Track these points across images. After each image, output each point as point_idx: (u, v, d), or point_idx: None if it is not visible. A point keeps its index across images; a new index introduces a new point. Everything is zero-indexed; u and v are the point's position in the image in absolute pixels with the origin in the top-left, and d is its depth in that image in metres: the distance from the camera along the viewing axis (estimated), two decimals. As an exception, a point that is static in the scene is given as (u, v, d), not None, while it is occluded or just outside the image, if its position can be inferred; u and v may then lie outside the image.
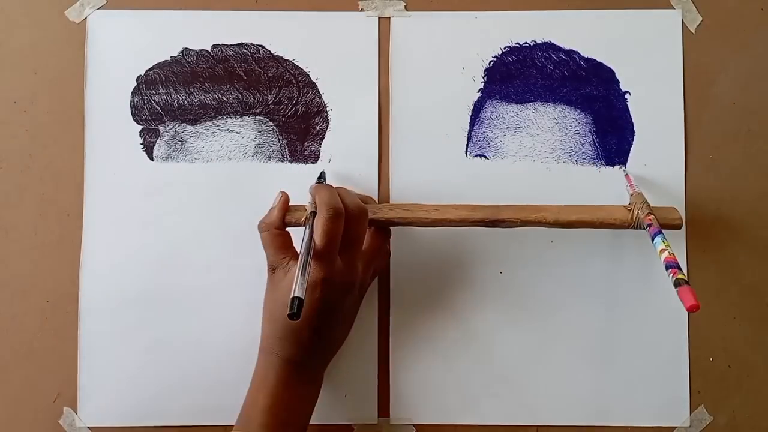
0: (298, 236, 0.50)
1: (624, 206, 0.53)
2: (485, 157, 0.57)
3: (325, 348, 0.52)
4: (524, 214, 0.52)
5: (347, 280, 0.49)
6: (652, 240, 0.49)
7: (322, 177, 0.56)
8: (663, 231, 0.49)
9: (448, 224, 0.53)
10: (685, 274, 0.47)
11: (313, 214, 0.50)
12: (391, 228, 0.55)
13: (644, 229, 0.51)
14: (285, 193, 0.53)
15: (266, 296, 0.51)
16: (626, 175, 0.56)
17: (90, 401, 0.56)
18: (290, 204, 0.53)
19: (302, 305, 0.44)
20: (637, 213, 0.51)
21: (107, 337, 0.56)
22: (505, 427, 0.56)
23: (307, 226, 0.49)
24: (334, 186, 0.53)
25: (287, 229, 0.52)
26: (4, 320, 0.56)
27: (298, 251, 0.50)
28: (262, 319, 0.51)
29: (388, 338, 0.56)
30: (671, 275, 0.46)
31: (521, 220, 0.52)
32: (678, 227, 0.52)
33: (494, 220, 0.52)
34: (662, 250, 0.48)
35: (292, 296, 0.43)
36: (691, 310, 0.43)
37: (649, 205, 0.52)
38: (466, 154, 0.57)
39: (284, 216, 0.52)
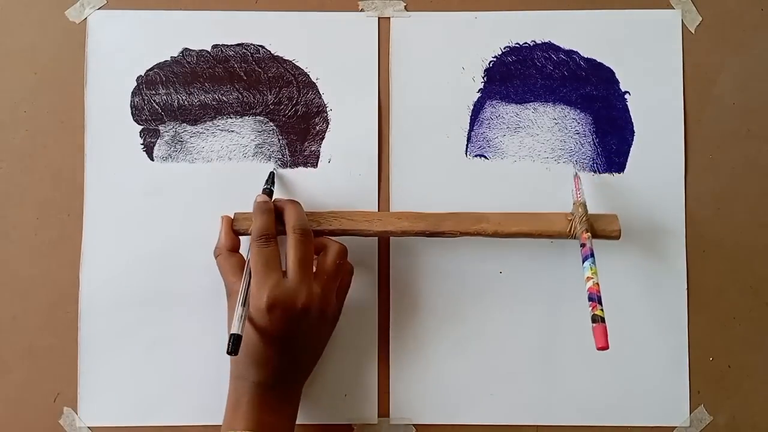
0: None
1: (565, 215, 0.53)
2: (485, 157, 0.57)
3: (297, 370, 0.52)
4: (464, 225, 0.53)
5: (300, 303, 0.48)
6: (582, 262, 0.49)
7: (270, 180, 0.56)
8: (594, 255, 0.49)
9: (390, 235, 0.54)
10: (602, 312, 0.47)
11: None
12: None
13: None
14: (226, 216, 0.54)
15: (228, 323, 0.51)
16: (575, 177, 0.55)
17: (90, 401, 0.56)
18: (237, 213, 0.54)
19: (239, 341, 0.45)
20: (576, 226, 0.52)
21: (107, 337, 0.56)
22: (505, 427, 0.56)
23: (251, 248, 0.50)
24: (278, 198, 0.54)
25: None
26: (4, 320, 0.56)
27: None
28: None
29: (388, 338, 0.56)
30: (590, 308, 0.47)
31: (461, 231, 0.53)
32: (616, 238, 0.52)
33: (434, 231, 0.53)
34: (588, 278, 0.48)
35: (229, 332, 0.45)
36: (599, 350, 0.45)
37: (588, 218, 0.52)
38: (466, 154, 0.57)
39: (232, 236, 0.53)
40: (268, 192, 0.54)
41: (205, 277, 0.56)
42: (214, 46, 0.58)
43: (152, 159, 0.57)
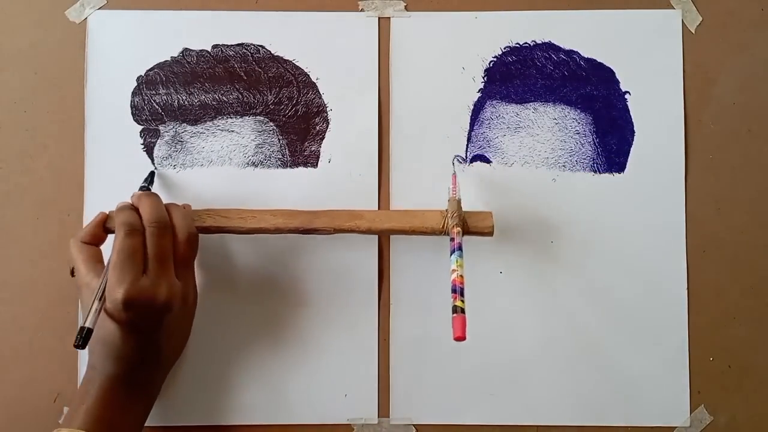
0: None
1: (440, 212, 0.53)
2: (485, 157, 0.57)
3: (157, 364, 0.51)
4: (338, 222, 0.53)
5: (159, 299, 0.47)
6: (450, 255, 0.49)
7: (148, 179, 0.55)
8: (462, 248, 0.49)
9: (264, 232, 0.53)
10: (463, 303, 0.47)
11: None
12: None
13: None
14: (103, 212, 0.53)
15: (81, 313, 0.51)
16: (453, 175, 0.55)
17: (90, 401, 0.56)
18: (112, 210, 0.52)
19: (90, 335, 0.44)
20: (447, 222, 0.52)
21: (107, 337, 0.56)
22: (505, 427, 0.56)
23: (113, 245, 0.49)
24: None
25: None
26: (4, 320, 0.56)
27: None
28: None
29: (388, 338, 0.56)
30: (452, 299, 0.47)
31: (335, 228, 0.53)
32: (489, 234, 0.52)
33: (308, 228, 0.53)
34: (453, 270, 0.48)
35: (80, 325, 0.44)
36: (457, 340, 0.45)
37: (461, 215, 0.52)
38: (466, 154, 0.57)
39: (98, 230, 0.52)
40: (145, 190, 0.54)
41: (204, 277, 0.56)
42: (215, 46, 0.58)
43: (152, 159, 0.57)
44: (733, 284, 0.57)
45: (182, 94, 0.57)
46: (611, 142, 0.57)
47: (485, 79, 0.58)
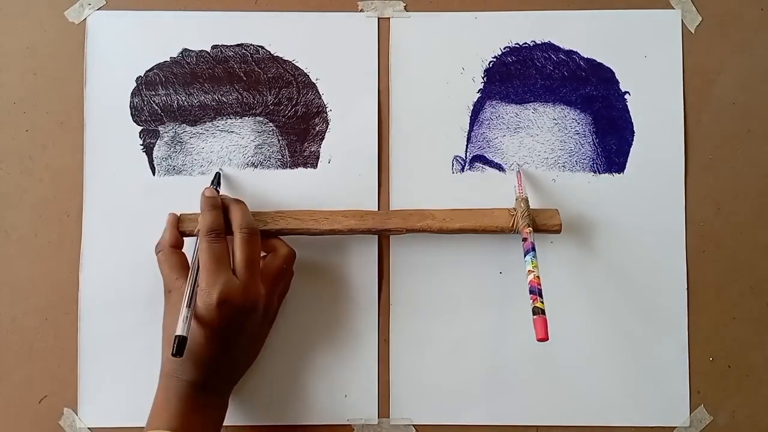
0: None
1: (508, 210, 0.54)
2: (485, 158, 0.57)
3: (230, 370, 0.51)
4: (410, 222, 0.53)
5: (248, 302, 0.48)
6: (524, 256, 0.50)
7: (215, 181, 0.55)
8: (536, 249, 0.50)
9: (338, 233, 0.54)
10: (543, 304, 0.47)
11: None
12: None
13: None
14: (173, 213, 0.54)
15: (164, 320, 0.51)
16: (517, 174, 0.56)
17: (90, 401, 0.56)
18: (183, 213, 0.54)
19: (185, 343, 0.44)
20: (518, 221, 0.52)
21: (107, 337, 0.56)
22: (505, 427, 0.56)
23: (196, 251, 0.50)
24: (224, 195, 0.54)
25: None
26: (4, 321, 0.56)
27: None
28: (162, 341, 0.51)
29: (388, 338, 0.56)
30: (531, 301, 0.47)
31: (407, 228, 0.53)
32: (557, 232, 0.53)
33: (381, 229, 0.54)
34: (529, 271, 0.49)
35: (175, 334, 0.44)
36: (540, 341, 0.45)
37: (530, 213, 0.52)
38: (465, 154, 0.57)
39: (177, 234, 0.53)
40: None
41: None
42: (214, 47, 0.58)
43: (152, 159, 0.57)
44: (733, 284, 0.57)
45: (182, 94, 0.57)
46: (611, 142, 0.57)
47: (485, 79, 0.58)
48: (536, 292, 0.48)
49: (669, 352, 0.56)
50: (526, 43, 0.58)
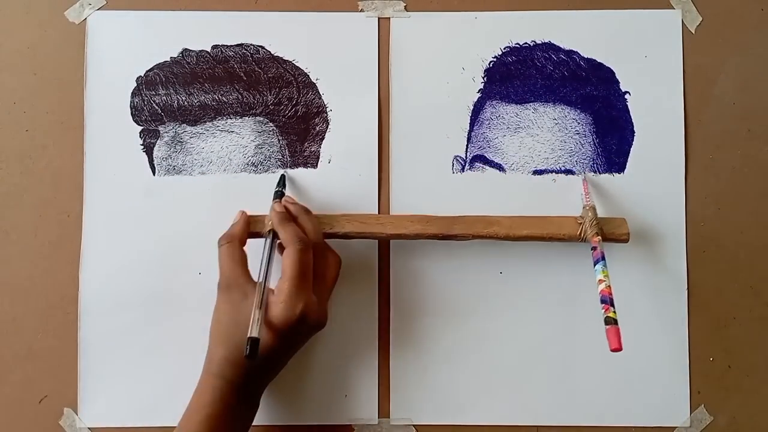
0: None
1: (575, 218, 0.53)
2: (485, 158, 0.57)
3: (269, 374, 0.51)
4: (476, 228, 0.53)
5: (319, 320, 0.49)
6: (594, 265, 0.50)
7: (281, 182, 0.55)
8: (605, 258, 0.50)
9: (403, 238, 0.54)
10: (615, 314, 0.47)
11: (272, 233, 0.50)
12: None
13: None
14: (244, 211, 0.53)
15: (219, 317, 0.50)
16: (583, 181, 0.56)
17: (90, 402, 0.56)
18: (251, 215, 0.53)
19: (257, 345, 0.44)
20: (585, 229, 0.52)
21: (107, 337, 0.56)
22: (505, 427, 0.56)
23: (265, 250, 0.50)
24: (290, 199, 0.53)
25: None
26: (4, 321, 0.56)
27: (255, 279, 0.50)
28: (211, 339, 0.50)
29: (388, 338, 0.56)
30: (603, 311, 0.47)
31: (473, 234, 0.53)
32: (625, 241, 0.53)
33: (446, 234, 0.53)
34: (600, 281, 0.49)
35: (248, 336, 0.44)
36: (613, 351, 0.45)
37: (598, 222, 0.52)
38: (465, 154, 0.57)
39: (246, 231, 0.52)
40: (279, 194, 0.54)
41: (204, 277, 0.56)
42: (214, 47, 0.58)
43: (152, 159, 0.57)
44: (733, 284, 0.57)
45: (182, 94, 0.57)
46: (611, 142, 0.57)
47: (485, 79, 0.58)
48: (608, 301, 0.47)
49: (669, 352, 0.56)
50: (526, 43, 0.58)
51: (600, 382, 0.56)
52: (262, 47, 0.58)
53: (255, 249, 0.51)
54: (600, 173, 0.57)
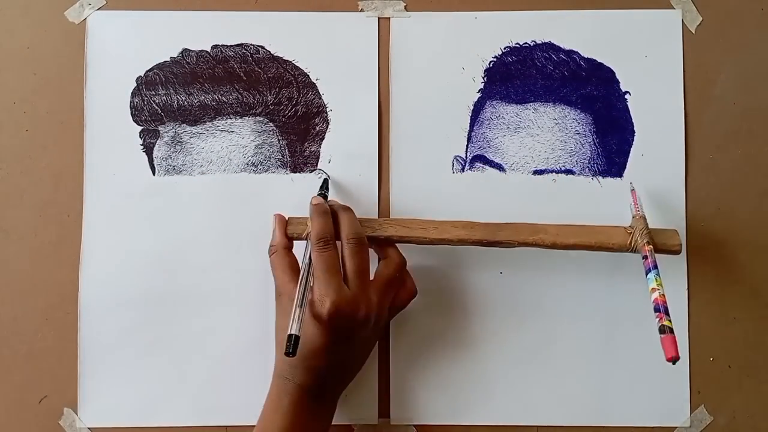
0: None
1: (624, 228, 0.52)
2: (485, 158, 0.57)
3: (340, 377, 0.52)
4: (523, 235, 0.52)
5: (359, 312, 0.48)
6: (646, 274, 0.49)
7: (324, 186, 0.56)
8: (658, 266, 0.49)
9: (447, 243, 0.53)
10: (671, 323, 0.46)
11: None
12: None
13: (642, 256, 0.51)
14: (279, 214, 0.54)
15: (276, 323, 0.52)
16: (632, 191, 0.55)
17: (90, 401, 0.56)
18: (291, 217, 0.53)
19: (298, 342, 0.45)
20: (636, 239, 0.51)
21: (107, 337, 0.56)
22: (505, 428, 0.56)
23: (306, 253, 0.50)
24: (332, 201, 0.54)
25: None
26: (4, 321, 0.56)
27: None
28: (276, 344, 0.52)
29: (389, 339, 0.56)
30: (657, 319, 0.46)
31: (519, 241, 0.52)
32: (677, 253, 0.52)
33: (492, 241, 0.52)
34: (653, 289, 0.48)
35: (288, 333, 0.45)
36: (670, 361, 0.44)
37: (649, 232, 0.51)
38: (466, 154, 0.57)
39: (286, 235, 0.53)
40: (323, 197, 0.54)
41: (204, 278, 0.56)
42: (214, 47, 0.58)
43: (152, 160, 0.57)
44: (733, 284, 0.57)
45: (182, 94, 0.57)
46: (611, 143, 0.57)
47: (485, 79, 0.58)
48: (662, 310, 0.46)
49: (669, 352, 0.56)
50: (526, 43, 0.58)
51: (600, 382, 0.56)
52: (262, 47, 0.58)
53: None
54: (600, 173, 0.57)
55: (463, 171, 0.57)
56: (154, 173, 0.57)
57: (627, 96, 0.57)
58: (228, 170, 0.57)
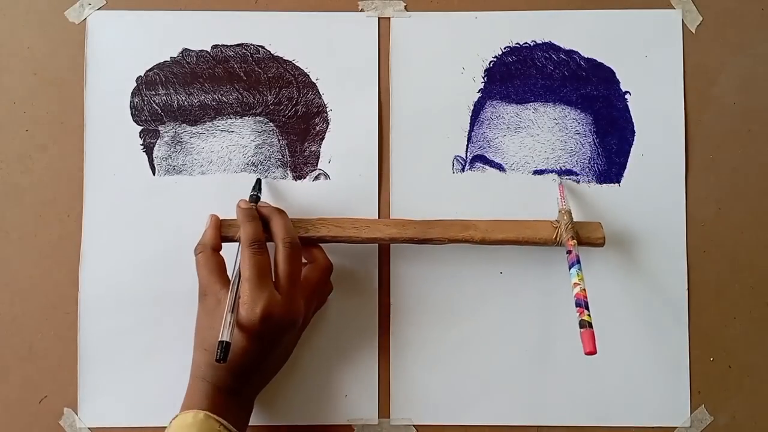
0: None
1: (551, 222, 0.53)
2: (485, 158, 0.57)
3: (260, 378, 0.51)
4: (452, 232, 0.53)
5: (290, 317, 0.48)
6: (569, 269, 0.50)
7: (257, 186, 0.55)
8: (580, 261, 0.50)
9: (379, 242, 0.54)
10: (590, 317, 0.47)
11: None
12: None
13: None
14: (214, 215, 0.53)
15: (198, 323, 0.51)
16: (559, 185, 0.56)
17: (90, 402, 0.56)
18: (225, 219, 0.53)
19: (229, 349, 0.45)
20: (561, 234, 0.52)
21: (107, 337, 0.56)
22: (505, 427, 0.56)
23: (238, 254, 0.50)
24: (265, 204, 0.53)
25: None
26: (4, 321, 0.56)
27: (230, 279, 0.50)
28: (194, 344, 0.51)
29: (389, 338, 0.56)
30: (578, 314, 0.47)
31: (449, 238, 0.53)
32: (600, 246, 0.53)
33: (423, 239, 0.53)
34: (575, 284, 0.49)
35: (219, 339, 0.45)
36: (588, 354, 0.45)
37: (573, 226, 0.52)
38: (466, 154, 0.57)
39: (218, 236, 0.52)
40: (255, 198, 0.54)
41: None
42: (214, 47, 0.58)
43: (152, 159, 0.57)
44: (733, 284, 0.57)
45: (182, 94, 0.57)
46: (611, 142, 0.57)
47: (485, 79, 0.58)
48: (583, 304, 0.47)
49: (669, 352, 0.56)
50: (526, 42, 0.58)
51: (600, 382, 0.56)
52: (262, 47, 0.58)
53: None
54: (600, 173, 0.57)
55: (463, 171, 0.57)
56: (154, 173, 0.57)
57: (627, 96, 0.57)
58: (228, 170, 0.57)
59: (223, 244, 0.52)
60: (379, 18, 0.58)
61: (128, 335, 0.56)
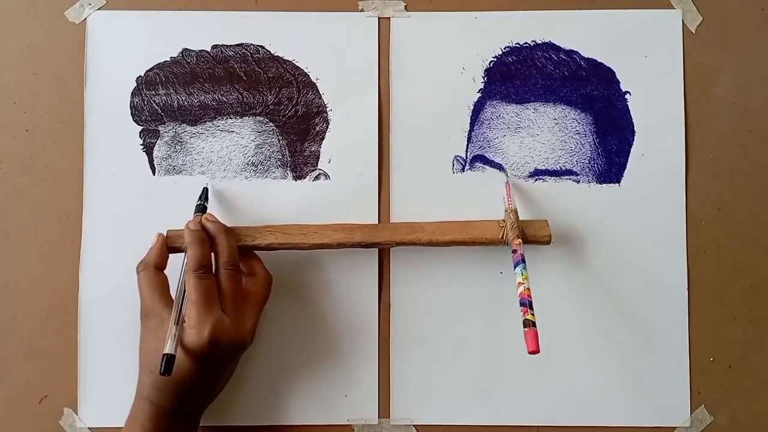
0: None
1: (497, 222, 0.53)
2: (485, 158, 0.57)
3: (206, 397, 0.51)
4: (399, 236, 0.53)
5: (238, 338, 0.49)
6: (514, 268, 0.50)
7: (203, 195, 0.55)
8: (526, 261, 0.50)
9: (327, 248, 0.53)
10: (533, 317, 0.47)
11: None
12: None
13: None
14: (162, 234, 0.53)
15: (142, 344, 0.50)
16: (506, 184, 0.56)
17: (90, 402, 0.56)
18: (171, 230, 0.53)
19: (173, 363, 0.44)
20: (507, 233, 0.52)
21: (107, 337, 0.56)
22: (505, 428, 0.56)
23: (183, 267, 0.49)
24: (211, 222, 0.52)
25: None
26: (4, 321, 0.56)
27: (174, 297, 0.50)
28: (139, 365, 0.50)
29: (389, 338, 0.56)
30: (522, 313, 0.47)
31: (396, 241, 0.53)
32: (547, 243, 0.53)
33: (371, 242, 0.53)
34: (520, 283, 0.49)
35: (163, 352, 0.44)
36: (531, 353, 0.44)
37: (519, 225, 0.52)
38: (466, 154, 0.57)
39: (163, 255, 0.52)
40: (202, 208, 0.54)
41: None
42: (214, 47, 0.58)
43: (152, 159, 0.57)
44: (733, 284, 0.57)
45: (182, 94, 0.57)
46: (611, 142, 0.57)
47: (485, 79, 0.58)
48: (527, 304, 0.47)
49: (669, 352, 0.56)
50: (526, 42, 0.58)
51: (600, 382, 0.56)
52: (262, 47, 0.58)
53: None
54: (600, 173, 0.57)
55: (463, 171, 0.57)
56: (154, 173, 0.57)
57: (627, 96, 0.57)
58: (228, 170, 0.57)
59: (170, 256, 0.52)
60: (379, 18, 0.58)
61: (128, 335, 0.56)
